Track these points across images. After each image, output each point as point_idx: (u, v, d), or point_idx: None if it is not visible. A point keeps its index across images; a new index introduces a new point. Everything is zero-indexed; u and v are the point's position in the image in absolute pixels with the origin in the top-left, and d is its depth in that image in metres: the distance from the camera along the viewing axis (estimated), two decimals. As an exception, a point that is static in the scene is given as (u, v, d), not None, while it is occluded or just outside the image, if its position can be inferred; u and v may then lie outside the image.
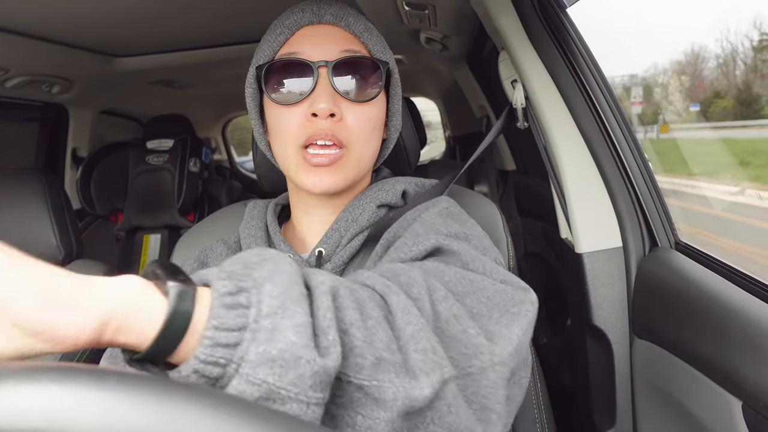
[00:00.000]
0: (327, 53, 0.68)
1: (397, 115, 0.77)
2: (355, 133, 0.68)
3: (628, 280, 1.00)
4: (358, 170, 0.71)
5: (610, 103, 1.02)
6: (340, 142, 0.67)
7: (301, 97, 0.67)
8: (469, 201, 0.93)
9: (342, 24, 0.70)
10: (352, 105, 0.68)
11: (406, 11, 1.46)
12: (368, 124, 0.69)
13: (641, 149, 1.02)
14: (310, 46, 0.68)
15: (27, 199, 1.29)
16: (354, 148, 0.68)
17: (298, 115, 0.67)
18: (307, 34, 0.70)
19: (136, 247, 2.35)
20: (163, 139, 2.40)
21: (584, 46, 1.04)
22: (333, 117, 0.66)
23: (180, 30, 1.62)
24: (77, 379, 0.25)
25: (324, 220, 0.75)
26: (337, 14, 0.70)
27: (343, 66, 0.67)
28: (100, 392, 0.25)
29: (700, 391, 0.78)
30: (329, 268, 0.69)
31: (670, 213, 1.01)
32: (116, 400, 0.24)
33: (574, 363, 1.18)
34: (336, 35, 0.70)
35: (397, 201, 0.76)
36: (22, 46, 1.50)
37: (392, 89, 0.76)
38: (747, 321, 0.71)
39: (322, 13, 0.70)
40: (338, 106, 0.66)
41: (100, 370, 0.26)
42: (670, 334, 0.87)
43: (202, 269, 0.74)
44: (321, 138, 0.66)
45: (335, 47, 0.68)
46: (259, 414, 0.26)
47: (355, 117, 0.68)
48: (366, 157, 0.71)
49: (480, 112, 2.52)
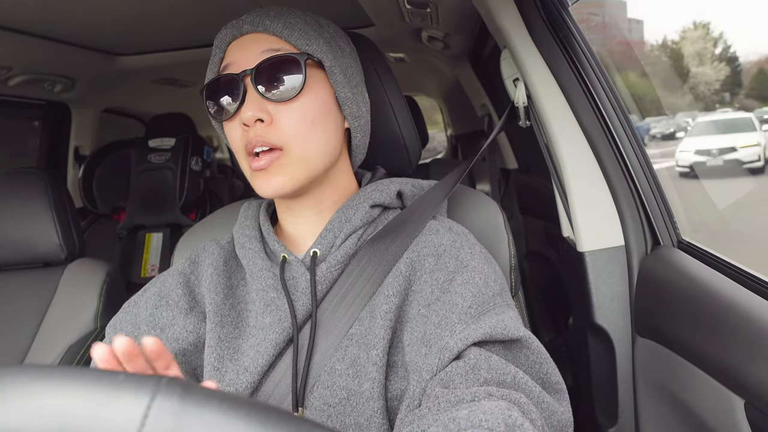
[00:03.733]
0: (249, 61, 0.68)
1: (349, 103, 0.73)
2: (289, 133, 0.67)
3: (630, 279, 1.00)
4: (306, 168, 0.69)
5: (612, 102, 1.02)
6: (274, 145, 0.67)
7: (234, 108, 0.68)
8: (471, 200, 0.93)
9: (260, 29, 0.70)
10: (280, 106, 0.67)
11: (408, 10, 1.46)
12: (304, 120, 0.68)
13: (643, 147, 1.02)
14: (236, 59, 0.69)
15: (29, 198, 1.30)
16: (292, 147, 0.67)
17: (236, 128, 0.69)
18: (234, 47, 0.71)
19: (138, 246, 2.36)
20: (165, 138, 2.41)
21: (586, 44, 1.03)
22: (263, 122, 0.66)
23: (183, 28, 1.62)
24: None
25: (309, 221, 0.75)
26: (254, 21, 0.70)
27: (264, 70, 0.67)
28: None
29: (702, 390, 0.78)
30: (324, 268, 0.70)
31: (672, 211, 1.01)
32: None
33: (576, 362, 1.18)
34: (258, 40, 0.69)
35: (392, 201, 0.76)
36: (25, 44, 1.50)
37: (332, 78, 0.71)
38: (750, 319, 0.71)
39: (241, 24, 0.70)
40: (265, 111, 0.67)
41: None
42: (672, 333, 0.87)
43: (195, 269, 0.75)
44: (256, 145, 0.67)
45: (257, 53, 0.68)
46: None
47: (286, 117, 0.67)
48: (313, 153, 0.69)
49: (482, 110, 2.52)
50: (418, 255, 0.69)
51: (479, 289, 0.64)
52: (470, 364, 0.56)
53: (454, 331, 0.59)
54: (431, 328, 0.61)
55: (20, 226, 1.28)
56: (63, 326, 1.26)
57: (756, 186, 5.08)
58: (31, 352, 1.24)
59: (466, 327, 0.59)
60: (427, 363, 0.58)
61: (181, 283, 0.74)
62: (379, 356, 0.62)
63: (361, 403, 0.61)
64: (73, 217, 1.36)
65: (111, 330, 0.74)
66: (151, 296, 0.74)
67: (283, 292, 0.68)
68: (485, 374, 0.55)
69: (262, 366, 0.66)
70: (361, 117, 0.76)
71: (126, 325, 0.72)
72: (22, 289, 1.31)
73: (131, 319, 0.72)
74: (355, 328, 0.66)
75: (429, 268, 0.68)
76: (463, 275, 0.65)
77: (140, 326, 0.71)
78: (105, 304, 1.29)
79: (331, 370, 0.64)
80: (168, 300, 0.72)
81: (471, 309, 0.61)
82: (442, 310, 0.62)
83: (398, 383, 0.63)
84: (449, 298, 0.63)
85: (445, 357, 0.57)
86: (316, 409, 0.63)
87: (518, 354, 0.61)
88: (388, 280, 0.67)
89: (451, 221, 0.77)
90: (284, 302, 0.68)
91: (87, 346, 1.25)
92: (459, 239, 0.71)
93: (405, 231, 0.72)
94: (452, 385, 0.55)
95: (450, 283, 0.65)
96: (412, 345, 0.62)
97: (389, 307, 0.65)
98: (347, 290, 0.68)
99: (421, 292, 0.66)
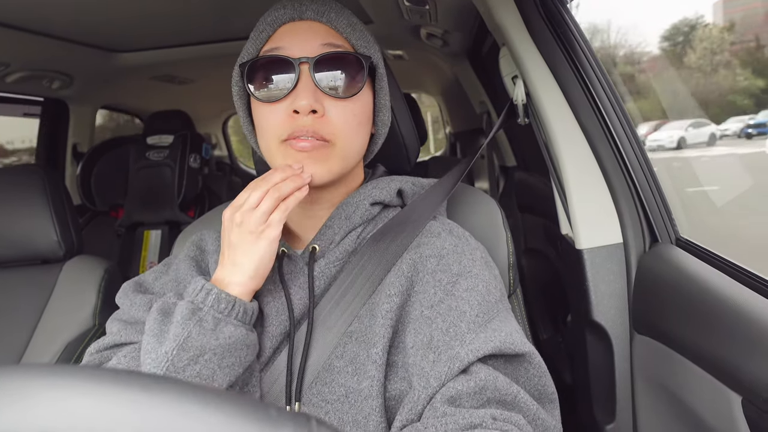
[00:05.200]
0: (308, 49, 0.67)
1: (384, 110, 0.76)
2: (339, 129, 0.68)
3: (629, 276, 1.00)
4: (343, 164, 0.70)
5: (611, 99, 1.02)
6: (323, 138, 0.67)
7: (283, 93, 0.67)
8: (470, 197, 0.93)
9: (324, 20, 0.70)
10: (334, 101, 0.67)
11: (407, 7, 1.46)
12: (353, 120, 0.69)
13: (642, 144, 1.02)
14: (291, 43, 0.68)
15: (28, 195, 1.29)
16: (338, 143, 0.68)
17: (280, 112, 0.67)
18: (289, 30, 0.70)
19: (137, 243, 2.36)
20: (163, 135, 2.41)
21: (585, 41, 1.03)
22: (315, 113, 0.66)
23: (181, 25, 1.62)
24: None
25: (314, 215, 0.75)
26: (318, 10, 0.70)
27: (324, 62, 0.67)
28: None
29: (700, 387, 0.78)
30: (323, 264, 0.70)
31: (671, 208, 1.01)
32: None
33: (574, 359, 1.18)
34: (318, 31, 0.69)
35: (392, 199, 0.76)
36: (22, 41, 1.50)
37: (378, 84, 0.75)
38: (747, 317, 0.71)
39: (304, 9, 0.70)
40: (320, 103, 0.66)
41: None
42: (670, 330, 0.87)
43: (203, 256, 0.76)
44: (302, 134, 0.66)
45: (317, 43, 0.68)
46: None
47: (338, 113, 0.68)
48: (352, 153, 0.71)
49: (480, 108, 2.51)
50: (421, 256, 0.69)
51: (483, 296, 0.65)
52: (479, 384, 0.57)
53: (464, 341, 0.60)
54: (438, 334, 0.62)
55: (18, 223, 1.28)
56: (61, 323, 1.26)
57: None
58: (30, 348, 1.24)
59: (476, 337, 0.60)
60: (436, 370, 0.59)
61: (194, 267, 0.76)
62: (379, 354, 0.62)
63: (359, 400, 0.61)
64: (72, 214, 1.36)
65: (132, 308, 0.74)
66: (168, 282, 0.76)
67: (281, 285, 0.69)
68: (490, 394, 0.57)
69: (261, 362, 0.66)
70: (386, 125, 0.78)
71: (143, 308, 0.72)
72: (20, 286, 1.31)
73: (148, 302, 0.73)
74: (354, 326, 0.66)
75: (431, 268, 0.68)
76: (468, 281, 0.66)
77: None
78: (104, 301, 1.29)
79: (330, 366, 0.64)
80: (185, 284, 0.73)
81: (478, 318, 0.62)
82: (450, 316, 0.63)
83: (398, 383, 0.63)
84: (455, 303, 0.64)
85: (455, 367, 0.58)
86: (313, 405, 0.63)
87: (519, 367, 0.62)
88: (389, 279, 0.67)
89: (452, 223, 0.77)
90: (281, 295, 0.68)
91: (85, 343, 1.25)
92: (461, 243, 0.71)
93: (406, 230, 0.72)
94: (459, 403, 0.57)
95: (453, 286, 0.65)
96: (417, 348, 0.63)
97: (390, 306, 0.65)
98: (347, 287, 0.68)
99: (424, 293, 0.66)
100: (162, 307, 0.65)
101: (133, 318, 0.72)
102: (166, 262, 0.81)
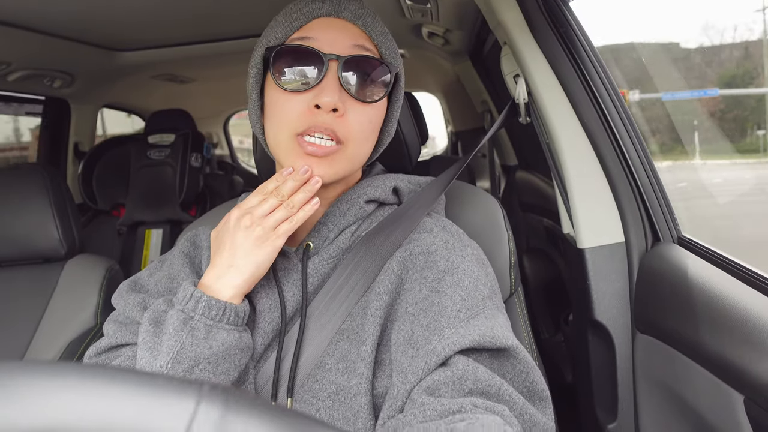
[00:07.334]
0: (340, 48, 0.67)
1: (392, 122, 0.77)
2: (354, 132, 0.68)
3: (630, 275, 1.00)
4: (350, 168, 0.71)
5: (612, 98, 1.01)
6: (338, 137, 0.66)
7: (306, 86, 0.66)
8: (471, 197, 0.93)
9: (359, 22, 0.70)
10: (356, 103, 0.68)
11: (408, 5, 1.45)
12: (368, 125, 0.69)
13: (644, 144, 1.02)
14: (323, 38, 0.68)
15: (29, 194, 1.29)
16: (350, 145, 0.68)
17: (300, 104, 0.66)
18: (323, 25, 0.69)
19: (138, 242, 2.36)
20: (164, 134, 2.41)
21: (587, 40, 1.03)
22: (335, 112, 0.66)
23: (182, 24, 1.62)
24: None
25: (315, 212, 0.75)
26: (356, 12, 0.70)
27: (353, 63, 0.67)
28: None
29: (702, 386, 0.78)
30: (317, 261, 0.70)
31: (672, 207, 1.01)
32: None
33: (576, 358, 1.18)
34: (351, 32, 0.69)
35: (387, 197, 0.76)
36: (24, 40, 1.50)
37: (395, 95, 0.76)
38: (749, 316, 0.71)
39: (342, 7, 0.70)
40: (342, 102, 0.66)
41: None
42: (672, 329, 0.87)
43: (197, 252, 0.76)
44: (319, 131, 0.66)
45: (349, 43, 0.68)
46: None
47: (356, 116, 0.67)
48: (359, 157, 0.72)
49: (482, 107, 2.51)
50: (411, 254, 0.69)
51: (468, 292, 0.64)
52: (457, 374, 0.56)
53: (442, 336, 0.59)
54: (419, 330, 0.61)
55: (20, 222, 1.28)
56: (63, 322, 1.26)
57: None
58: (31, 347, 1.24)
59: (455, 332, 0.59)
60: (413, 366, 0.58)
61: (187, 263, 0.76)
62: (368, 352, 0.62)
63: (349, 398, 0.62)
64: (73, 213, 1.36)
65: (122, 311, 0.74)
66: (161, 279, 0.76)
67: (274, 282, 0.69)
68: (471, 385, 0.56)
69: (254, 358, 0.66)
70: (390, 136, 0.79)
71: (137, 308, 0.72)
72: (22, 285, 1.31)
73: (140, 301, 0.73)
74: (347, 324, 0.66)
75: (419, 266, 0.68)
76: (453, 277, 0.65)
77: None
78: (105, 300, 1.29)
79: (322, 363, 0.64)
80: (179, 281, 0.74)
81: (460, 313, 0.61)
82: (431, 311, 0.62)
83: (385, 381, 0.63)
84: (438, 299, 0.63)
85: (432, 362, 0.57)
86: (305, 402, 0.63)
87: (505, 363, 0.61)
88: (380, 278, 0.67)
89: (446, 220, 0.77)
90: (275, 292, 0.68)
91: (87, 342, 1.25)
92: (452, 240, 0.71)
93: (400, 227, 0.72)
94: (438, 393, 0.55)
95: (439, 283, 0.65)
96: (398, 344, 0.62)
97: (380, 304, 0.65)
98: (341, 285, 0.68)
99: (411, 291, 0.66)
100: (153, 316, 0.64)
101: (128, 318, 0.72)
102: (162, 259, 0.82)
